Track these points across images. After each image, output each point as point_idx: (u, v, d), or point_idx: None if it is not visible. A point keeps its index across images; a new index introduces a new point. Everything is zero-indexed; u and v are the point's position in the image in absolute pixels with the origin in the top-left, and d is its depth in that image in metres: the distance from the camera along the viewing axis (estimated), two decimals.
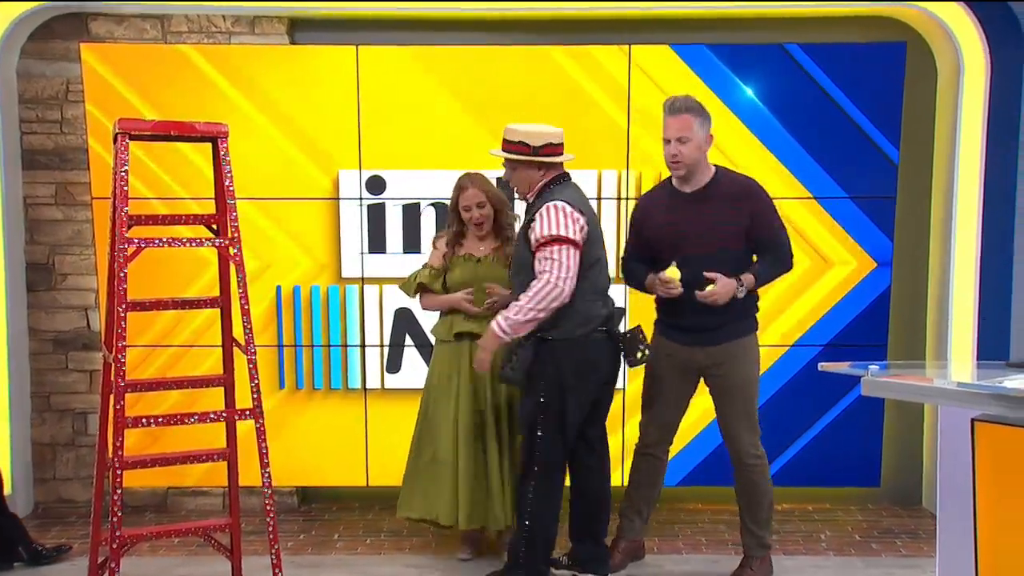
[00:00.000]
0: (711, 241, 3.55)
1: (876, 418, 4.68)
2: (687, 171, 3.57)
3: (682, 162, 3.54)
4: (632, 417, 4.58)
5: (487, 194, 3.86)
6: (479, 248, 3.92)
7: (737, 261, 3.56)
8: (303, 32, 4.67)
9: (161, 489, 4.79)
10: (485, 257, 3.89)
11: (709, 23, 4.62)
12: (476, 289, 3.86)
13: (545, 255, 3.43)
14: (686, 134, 3.51)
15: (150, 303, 3.52)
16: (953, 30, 4.39)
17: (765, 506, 3.77)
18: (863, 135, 4.50)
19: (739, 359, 3.66)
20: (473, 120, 4.49)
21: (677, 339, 3.72)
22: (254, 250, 4.47)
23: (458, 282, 3.88)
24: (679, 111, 3.53)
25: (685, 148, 3.52)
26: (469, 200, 3.84)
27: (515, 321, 3.44)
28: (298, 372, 4.62)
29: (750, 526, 3.78)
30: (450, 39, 4.58)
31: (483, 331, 3.62)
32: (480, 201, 3.84)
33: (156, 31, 4.55)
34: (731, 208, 3.56)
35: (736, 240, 3.57)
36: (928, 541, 4.24)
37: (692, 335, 3.66)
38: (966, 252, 4.48)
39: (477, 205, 3.84)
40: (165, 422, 3.45)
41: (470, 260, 3.89)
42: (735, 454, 3.73)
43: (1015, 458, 2.42)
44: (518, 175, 3.58)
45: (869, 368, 2.76)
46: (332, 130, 4.50)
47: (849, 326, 4.60)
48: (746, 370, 3.68)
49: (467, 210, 3.85)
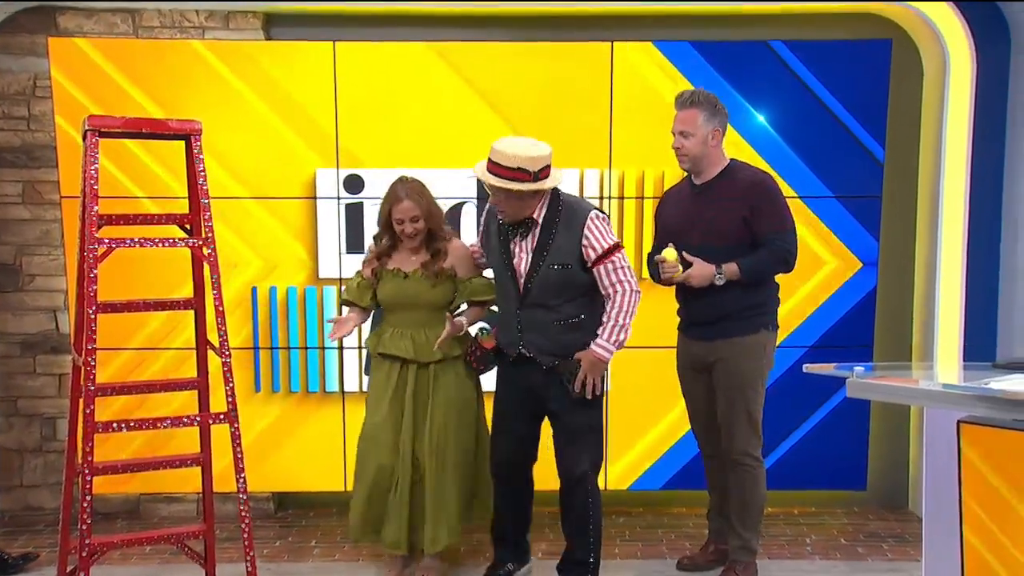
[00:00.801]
0: (712, 235, 3.58)
1: (862, 420, 4.71)
2: (691, 164, 3.63)
3: (686, 156, 3.60)
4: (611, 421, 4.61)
5: (422, 208, 3.65)
6: (409, 261, 3.72)
7: (737, 254, 3.56)
8: (279, 28, 4.65)
9: (133, 495, 4.76)
10: (413, 272, 3.70)
11: (693, 20, 4.63)
12: (403, 306, 3.73)
13: (615, 265, 3.45)
14: (688, 128, 3.57)
15: (121, 305, 3.49)
16: (939, 27, 4.42)
17: (755, 511, 3.76)
18: (848, 133, 4.53)
19: (739, 357, 3.65)
20: (452, 118, 4.48)
21: (686, 333, 3.81)
22: (229, 250, 4.45)
23: (387, 297, 3.74)
24: (685, 105, 3.60)
25: (688, 142, 3.58)
26: (403, 214, 3.64)
27: (619, 340, 3.48)
28: (274, 375, 4.60)
29: (737, 528, 3.78)
30: (428, 35, 4.57)
31: (407, 354, 3.67)
32: (415, 215, 3.64)
33: (127, 26, 4.52)
34: (734, 201, 3.58)
35: (737, 234, 3.57)
36: (915, 545, 4.27)
37: (695, 328, 3.73)
38: (952, 252, 4.51)
39: (411, 220, 3.64)
40: (136, 426, 3.42)
41: (398, 275, 3.71)
42: (728, 453, 3.73)
43: (1001, 460, 2.44)
44: (513, 204, 3.42)
45: (854, 370, 2.77)
46: (309, 128, 4.48)
47: (835, 327, 4.63)
48: (746, 369, 3.66)
49: (399, 223, 3.66)
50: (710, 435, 3.85)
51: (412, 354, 3.69)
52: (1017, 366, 2.80)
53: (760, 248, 3.58)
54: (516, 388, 3.65)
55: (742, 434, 3.68)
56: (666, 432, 4.63)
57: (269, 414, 4.62)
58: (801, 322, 4.61)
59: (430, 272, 3.68)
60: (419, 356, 3.69)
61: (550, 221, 3.47)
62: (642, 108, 4.50)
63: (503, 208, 3.45)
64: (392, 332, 3.74)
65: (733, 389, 3.67)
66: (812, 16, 4.64)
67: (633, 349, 4.56)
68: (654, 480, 4.70)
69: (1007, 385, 2.48)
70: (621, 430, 4.65)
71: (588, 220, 3.44)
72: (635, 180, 4.52)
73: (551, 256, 3.46)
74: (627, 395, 4.62)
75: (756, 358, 3.69)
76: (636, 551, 4.32)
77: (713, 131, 3.59)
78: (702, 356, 3.72)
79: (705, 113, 3.57)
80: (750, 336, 3.66)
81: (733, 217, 3.57)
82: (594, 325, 3.52)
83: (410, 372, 3.72)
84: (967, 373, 3.00)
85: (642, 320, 4.52)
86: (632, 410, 4.63)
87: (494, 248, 3.60)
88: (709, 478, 3.98)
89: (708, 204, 3.62)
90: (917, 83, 4.67)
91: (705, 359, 3.71)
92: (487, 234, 3.66)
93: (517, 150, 3.35)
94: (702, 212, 3.62)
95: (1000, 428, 2.44)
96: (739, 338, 3.65)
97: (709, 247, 3.57)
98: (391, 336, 3.74)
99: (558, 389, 3.55)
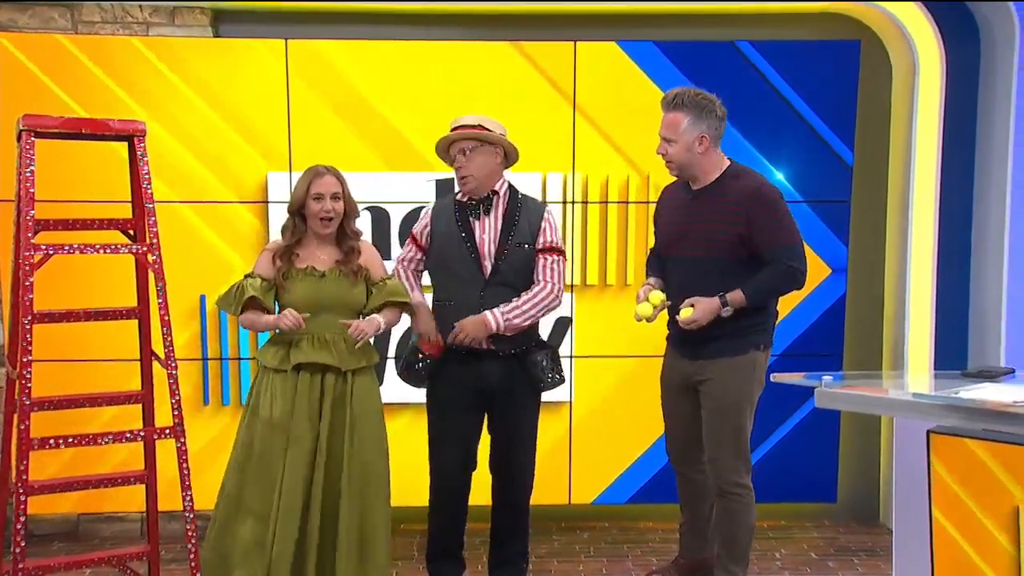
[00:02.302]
0: (703, 245, 3.47)
1: (832, 431, 4.74)
2: (679, 172, 3.54)
3: (671, 163, 3.52)
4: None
5: (343, 188, 3.42)
6: (320, 260, 3.43)
7: (729, 269, 3.44)
8: (228, 24, 4.60)
9: (72, 516, 4.67)
10: (329, 271, 3.41)
11: (658, 19, 4.65)
12: (322, 309, 3.38)
13: (556, 264, 3.61)
14: (670, 134, 3.47)
15: (59, 314, 3.44)
16: (908, 28, 4.47)
17: (743, 542, 3.65)
18: (816, 136, 4.57)
19: (729, 378, 3.53)
20: (410, 120, 4.46)
21: (676, 349, 3.70)
22: (176, 256, 4.39)
23: (302, 299, 3.36)
24: (668, 107, 3.49)
25: (671, 148, 3.48)
26: (324, 188, 3.36)
27: (512, 322, 3.51)
28: (224, 387, 4.54)
29: (724, 562, 3.68)
30: (386, 33, 4.56)
31: (330, 360, 3.34)
32: (336, 192, 3.38)
33: (65, 20, 4.45)
34: (729, 211, 3.43)
35: (730, 247, 3.44)
36: (886, 559, 4.30)
37: (684, 346, 3.61)
38: (922, 257, 4.56)
39: (332, 196, 3.37)
40: (76, 443, 3.36)
41: (312, 275, 3.39)
42: (714, 480, 3.63)
43: (971, 471, 2.47)
44: (479, 161, 3.54)
45: (823, 379, 2.80)
46: (260, 129, 4.44)
47: (803, 335, 4.66)
48: (736, 391, 3.54)
49: (318, 199, 3.36)
50: (689, 456, 3.78)
51: (336, 360, 3.37)
52: (987, 375, 2.85)
53: (765, 267, 3.43)
54: (464, 388, 3.64)
55: (729, 460, 3.57)
56: (631, 445, 4.64)
57: (218, 428, 4.55)
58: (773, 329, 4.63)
59: (348, 270, 3.43)
60: (343, 363, 3.38)
61: (513, 203, 3.62)
62: (606, 110, 4.51)
63: (469, 171, 3.55)
64: (308, 339, 3.38)
65: (721, 412, 3.56)
66: (779, 16, 4.68)
67: (597, 359, 4.59)
68: (619, 494, 4.70)
69: (977, 394, 2.52)
70: (585, 443, 4.65)
71: (548, 212, 3.67)
72: (599, 184, 4.53)
73: (517, 234, 3.58)
74: (591, 407, 4.63)
75: (746, 379, 3.56)
76: (601, 567, 4.31)
77: (699, 136, 3.44)
78: (690, 374, 3.62)
79: (690, 116, 3.43)
80: (740, 356, 3.53)
81: (728, 229, 3.43)
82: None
83: (328, 382, 3.38)
84: (937, 382, 3.05)
85: (607, 331, 4.57)
86: (596, 422, 4.64)
87: (450, 233, 3.61)
88: (682, 495, 3.89)
89: (701, 213, 3.50)
90: (886, 84, 4.73)
91: (692, 378, 3.61)
92: (437, 222, 3.66)
93: (472, 115, 3.62)
94: (694, 222, 3.51)
95: (970, 438, 2.48)
96: (729, 358, 3.52)
97: (700, 260, 3.48)
98: (308, 343, 3.37)
99: (514, 381, 3.61)
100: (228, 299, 3.43)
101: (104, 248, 3.40)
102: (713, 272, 3.45)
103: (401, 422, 4.37)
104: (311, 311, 3.35)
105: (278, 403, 3.36)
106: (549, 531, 4.71)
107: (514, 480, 3.74)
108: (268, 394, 3.38)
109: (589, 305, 4.59)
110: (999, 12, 4.46)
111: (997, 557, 2.43)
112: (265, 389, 3.40)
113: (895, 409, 2.72)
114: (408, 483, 4.27)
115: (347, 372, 3.40)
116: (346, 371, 3.39)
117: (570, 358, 4.58)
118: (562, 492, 4.67)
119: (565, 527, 4.79)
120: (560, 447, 4.65)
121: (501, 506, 3.78)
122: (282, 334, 3.42)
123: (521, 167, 3.93)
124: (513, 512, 3.78)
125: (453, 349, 3.60)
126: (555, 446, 4.62)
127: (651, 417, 3.93)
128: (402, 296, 3.53)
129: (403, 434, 4.38)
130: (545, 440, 4.55)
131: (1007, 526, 2.41)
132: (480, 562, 3.96)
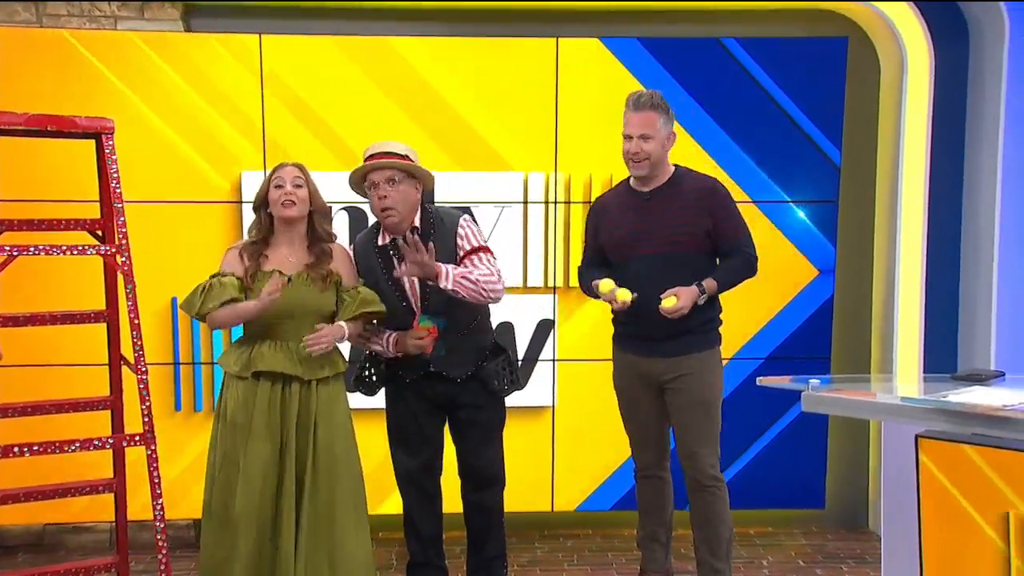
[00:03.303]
0: (668, 241, 3.58)
1: (820, 435, 4.76)
2: (650, 169, 3.61)
3: (646, 160, 3.58)
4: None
5: (307, 180, 3.37)
6: (289, 262, 3.36)
7: (696, 263, 3.58)
8: (199, 19, 4.58)
9: (37, 526, 4.62)
10: (297, 275, 3.34)
11: (642, 15, 4.67)
12: (287, 314, 3.31)
13: (479, 260, 3.49)
14: (649, 131, 3.56)
15: (24, 318, 3.41)
16: (897, 26, 4.50)
17: (725, 537, 3.71)
18: (804, 135, 4.59)
19: (701, 372, 3.64)
20: (387, 117, 4.45)
21: (635, 349, 3.71)
22: (147, 258, 4.37)
23: (269, 308, 3.26)
24: (643, 107, 3.57)
25: (647, 145, 3.56)
26: (285, 175, 3.33)
27: (459, 284, 3.38)
28: (196, 393, 4.51)
29: (708, 559, 3.71)
30: (364, 29, 4.55)
31: (293, 369, 3.28)
32: (297, 178, 3.34)
33: (29, 13, 4.41)
34: (691, 207, 3.59)
35: (695, 241, 3.59)
36: (875, 566, 4.32)
37: (650, 344, 3.65)
38: (912, 259, 4.59)
39: (293, 182, 3.32)
40: (41, 451, 3.33)
41: (280, 278, 3.27)
42: (692, 476, 3.68)
43: (961, 477, 2.48)
44: (402, 193, 3.43)
45: (810, 383, 2.81)
46: (234, 127, 4.42)
47: (791, 337, 4.68)
48: (711, 385, 3.67)
49: (279, 186, 3.31)
50: (657, 455, 3.83)
51: (300, 370, 3.31)
52: (977, 378, 2.86)
53: (729, 257, 3.62)
54: (421, 399, 3.63)
55: (706, 454, 3.65)
56: (615, 450, 4.63)
57: (190, 435, 4.53)
58: (756, 332, 4.66)
59: (317, 275, 3.36)
60: (306, 373, 3.32)
61: (426, 231, 3.49)
62: (589, 108, 4.51)
63: (392, 204, 3.42)
64: (271, 345, 3.33)
65: (697, 407, 3.64)
66: (766, 13, 4.70)
67: (578, 362, 4.60)
68: (603, 501, 4.71)
69: (966, 398, 2.53)
70: (568, 448, 4.65)
71: (462, 221, 3.56)
72: (582, 183, 4.54)
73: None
74: (574, 412, 4.63)
75: (717, 373, 3.71)
76: (585, 575, 4.33)
77: (669, 134, 3.62)
78: (658, 373, 3.67)
79: (663, 116, 3.58)
80: (708, 351, 3.67)
81: (696, 223, 3.58)
82: (489, 325, 3.70)
83: (292, 391, 3.32)
84: (926, 385, 3.07)
85: (591, 333, 4.57)
86: (580, 427, 4.64)
87: (377, 279, 3.55)
88: (647, 501, 3.89)
89: (664, 211, 3.61)
90: (874, 83, 4.75)
91: (661, 376, 3.67)
92: (367, 262, 3.58)
93: (397, 143, 3.52)
94: (659, 220, 3.60)
95: (960, 443, 2.49)
96: (699, 353, 3.64)
97: (668, 255, 3.57)
98: (271, 349, 3.32)
99: (471, 393, 3.60)
100: (194, 300, 3.31)
101: (71, 249, 3.37)
102: (681, 265, 3.56)
103: (377, 428, 4.34)
104: (276, 316, 3.29)
105: (240, 410, 3.30)
106: (531, 539, 4.71)
107: (482, 482, 3.72)
108: (233, 401, 3.32)
109: (572, 306, 4.59)
110: (989, 12, 4.50)
111: (987, 562, 2.44)
112: (231, 396, 3.34)
113: (883, 413, 2.72)
114: (385, 491, 4.28)
115: (311, 381, 3.35)
116: (310, 380, 3.34)
117: (552, 361, 4.58)
118: (545, 499, 4.67)
119: (548, 535, 4.80)
120: (543, 453, 4.64)
121: (473, 510, 3.77)
122: (249, 331, 3.37)
123: (502, 167, 3.94)
124: (486, 515, 3.76)
125: (405, 372, 3.60)
126: (537, 452, 4.62)
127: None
128: (376, 305, 3.46)
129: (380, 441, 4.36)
130: (527, 446, 4.56)
131: (998, 530, 2.42)
132: (462, 571, 3.95)
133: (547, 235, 4.55)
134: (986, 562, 2.45)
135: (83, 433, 3.59)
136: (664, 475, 3.86)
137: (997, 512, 2.42)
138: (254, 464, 3.26)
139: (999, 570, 2.43)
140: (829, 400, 2.81)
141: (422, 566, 3.80)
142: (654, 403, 3.74)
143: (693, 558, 3.82)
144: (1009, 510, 2.40)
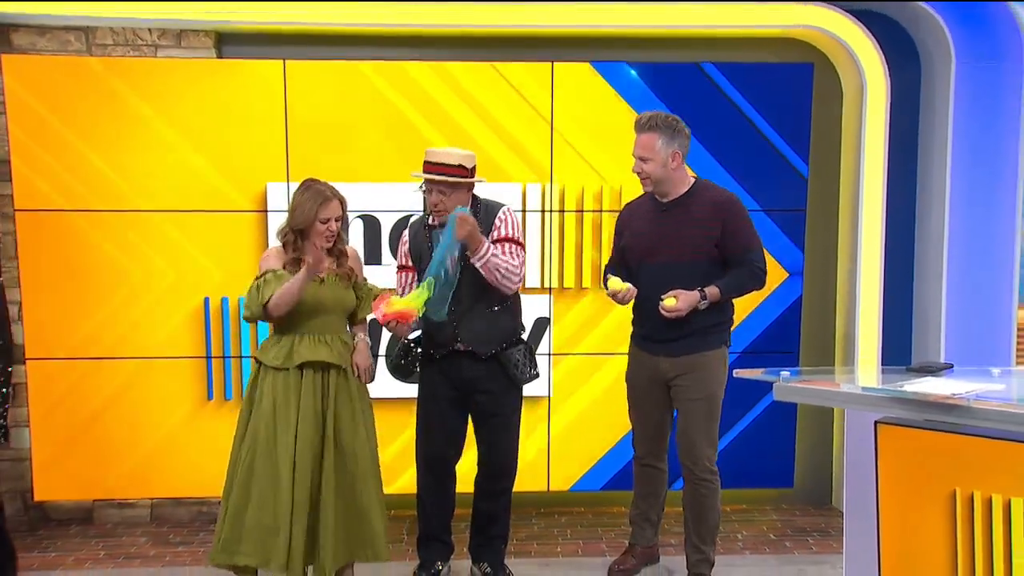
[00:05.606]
0: (680, 251, 3.57)
1: (789, 422, 4.80)
2: (655, 187, 3.61)
3: (647, 179, 3.60)
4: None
5: (344, 208, 3.51)
6: (320, 266, 3.44)
7: (706, 273, 3.57)
8: (230, 47, 4.62)
9: (86, 503, 4.68)
10: (328, 276, 3.48)
11: (630, 42, 4.70)
12: (322, 311, 3.46)
13: (518, 251, 3.59)
14: (647, 153, 3.55)
15: None
16: (856, 52, 4.54)
17: (712, 524, 3.73)
18: (774, 150, 4.64)
19: (704, 372, 3.63)
20: (399, 133, 4.49)
21: (645, 348, 3.74)
22: (181, 262, 4.43)
23: (306, 304, 3.40)
24: (643, 129, 3.57)
25: (647, 166, 3.56)
26: (332, 212, 3.42)
27: (489, 260, 3.47)
28: (226, 384, 4.56)
29: (695, 541, 3.75)
30: (376, 54, 4.59)
31: (336, 360, 3.42)
32: (339, 215, 3.46)
33: (80, 43, 4.46)
34: (705, 220, 3.57)
35: (706, 251, 3.57)
36: (838, 539, 4.37)
37: (658, 344, 3.67)
38: (871, 263, 4.63)
39: (336, 219, 3.45)
40: None
41: (314, 281, 3.41)
42: (690, 468, 3.68)
43: (914, 458, 2.54)
44: (454, 198, 3.54)
45: (781, 374, 2.85)
46: (260, 143, 4.46)
47: (763, 333, 4.73)
48: (710, 384, 3.65)
49: (324, 222, 3.41)
50: (656, 449, 3.85)
51: (337, 359, 3.44)
52: (929, 370, 2.91)
53: (736, 267, 3.60)
54: (448, 385, 3.69)
55: (703, 449, 3.65)
56: (606, 436, 4.69)
57: (222, 421, 4.56)
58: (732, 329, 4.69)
59: (342, 274, 3.52)
60: (343, 361, 3.47)
61: (473, 214, 3.57)
62: (582, 125, 4.57)
63: (443, 206, 3.55)
64: (308, 339, 3.44)
65: (698, 404, 3.64)
66: (741, 40, 4.74)
67: (574, 355, 4.64)
68: (594, 481, 4.75)
69: (919, 387, 2.58)
70: (562, 434, 4.70)
71: (504, 211, 3.65)
72: (575, 194, 4.58)
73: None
74: (568, 401, 4.68)
75: (721, 373, 3.67)
76: (577, 549, 4.36)
77: (673, 153, 3.55)
78: (665, 371, 3.68)
79: (664, 137, 3.53)
80: (713, 351, 3.65)
81: (705, 235, 3.56)
82: (518, 310, 3.74)
83: (330, 378, 3.44)
84: (885, 376, 3.08)
85: (583, 330, 4.62)
86: (572, 415, 4.69)
87: (422, 252, 3.65)
88: (643, 486, 3.94)
89: (678, 222, 3.60)
90: (837, 104, 4.81)
91: (667, 374, 3.68)
92: (417, 243, 3.68)
93: (453, 152, 3.58)
94: (672, 230, 3.60)
95: (913, 428, 2.54)
96: (703, 353, 3.63)
97: (680, 264, 3.57)
98: (310, 342, 3.44)
99: (494, 378, 3.64)
100: (254, 296, 3.39)
101: None
102: (690, 273, 3.55)
103: (391, 416, 4.39)
104: (313, 313, 3.44)
105: (280, 398, 3.39)
106: (529, 516, 4.76)
107: (499, 470, 3.77)
108: (270, 389, 3.41)
109: (566, 306, 4.63)
110: (936, 37, 4.57)
111: (937, 535, 2.50)
112: (267, 386, 3.42)
113: (847, 401, 2.75)
114: (397, 473, 4.33)
115: (346, 368, 3.48)
116: (345, 367, 3.47)
117: (548, 355, 4.63)
118: (541, 480, 4.72)
119: (544, 512, 4.85)
120: (539, 438, 4.69)
121: (486, 495, 3.80)
122: (282, 327, 3.45)
123: (503, 178, 3.97)
124: (497, 499, 3.81)
125: (436, 349, 3.67)
126: (535, 437, 4.66)
127: (623, 411, 3.98)
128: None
129: (393, 428, 4.42)
130: (525, 432, 4.59)
131: (946, 507, 2.48)
132: (465, 544, 3.99)
133: (543, 241, 4.59)
134: (936, 534, 2.50)
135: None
136: (661, 466, 3.89)
137: (946, 490, 2.47)
138: (303, 443, 3.36)
139: (948, 541, 2.48)
140: (798, 390, 2.84)
141: (431, 540, 3.85)
142: (660, 398, 3.75)
143: (676, 534, 3.85)
144: (956, 487, 2.46)
